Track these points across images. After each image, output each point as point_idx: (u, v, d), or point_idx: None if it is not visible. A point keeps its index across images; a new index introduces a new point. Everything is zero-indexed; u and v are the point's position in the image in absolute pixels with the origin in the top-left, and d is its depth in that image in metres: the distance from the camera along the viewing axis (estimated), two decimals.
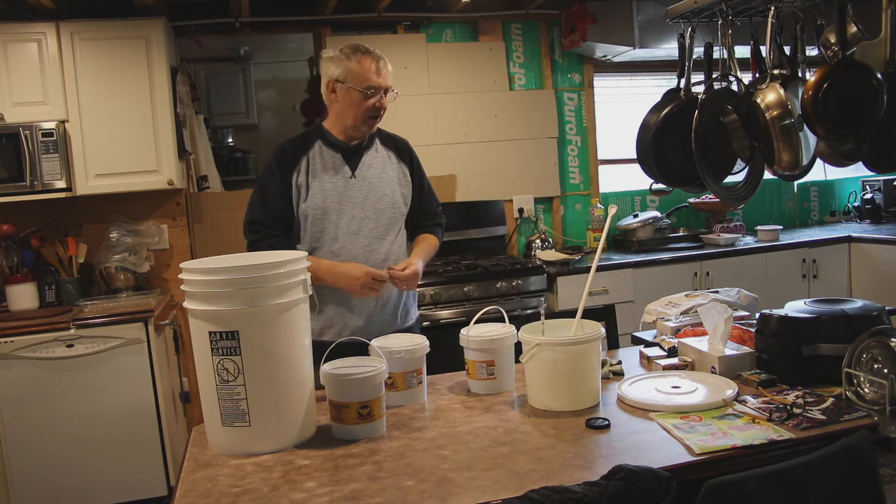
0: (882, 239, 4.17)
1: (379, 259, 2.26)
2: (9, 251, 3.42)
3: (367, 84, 2.18)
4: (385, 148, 2.36)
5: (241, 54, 5.43)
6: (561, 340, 1.75)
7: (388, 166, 2.34)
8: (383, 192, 2.29)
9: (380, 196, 2.28)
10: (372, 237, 2.26)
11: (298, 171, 2.24)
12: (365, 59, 2.19)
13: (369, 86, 2.18)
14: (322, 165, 2.25)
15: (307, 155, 2.25)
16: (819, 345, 1.78)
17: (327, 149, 2.27)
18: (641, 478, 1.25)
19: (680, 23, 2.45)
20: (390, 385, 1.84)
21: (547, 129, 4.45)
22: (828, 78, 2.13)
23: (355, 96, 2.19)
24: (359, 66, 2.18)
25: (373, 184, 2.28)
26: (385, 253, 2.28)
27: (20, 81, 3.34)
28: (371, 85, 2.18)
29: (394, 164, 2.35)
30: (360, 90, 2.18)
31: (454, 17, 4.26)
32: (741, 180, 2.44)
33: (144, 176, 3.51)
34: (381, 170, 2.31)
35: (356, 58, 2.19)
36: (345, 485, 1.42)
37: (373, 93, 2.19)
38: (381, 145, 2.36)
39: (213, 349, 1.58)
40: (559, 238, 4.50)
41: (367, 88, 2.18)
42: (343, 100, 2.22)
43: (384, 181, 2.31)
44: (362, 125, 2.24)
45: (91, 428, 3.16)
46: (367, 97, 2.19)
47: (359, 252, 2.23)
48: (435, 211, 2.49)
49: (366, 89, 2.18)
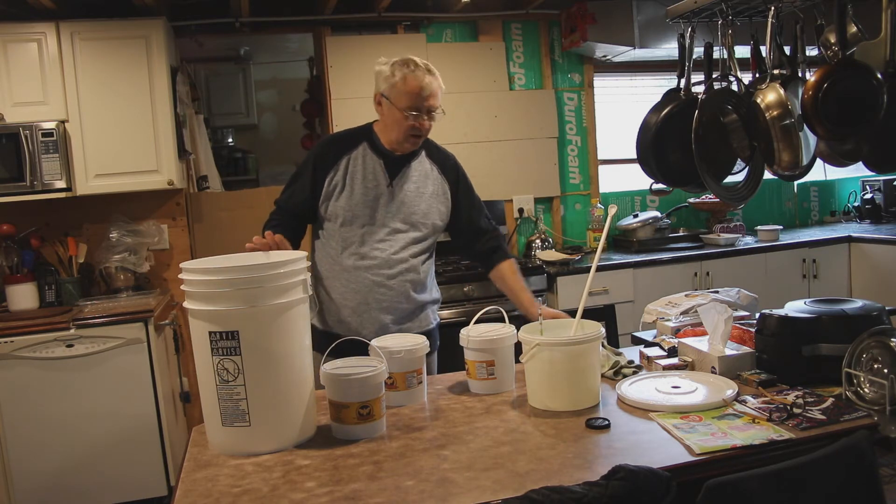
0: (882, 239, 4.17)
1: (401, 269, 2.23)
2: (9, 251, 3.42)
3: (409, 105, 2.13)
4: (430, 161, 2.32)
5: (241, 54, 5.44)
6: (561, 340, 1.75)
7: (430, 181, 2.30)
8: (418, 205, 2.26)
9: (413, 209, 2.25)
10: (398, 247, 2.23)
11: (337, 169, 2.22)
12: (411, 78, 2.12)
13: (411, 106, 2.14)
14: (362, 169, 2.22)
15: (350, 155, 2.23)
16: (819, 345, 1.78)
17: (371, 153, 2.24)
18: (641, 478, 1.25)
19: (680, 23, 2.45)
20: (390, 385, 1.84)
21: (547, 129, 4.45)
22: (828, 78, 2.13)
23: (397, 115, 2.16)
24: (403, 86, 2.13)
25: (408, 195, 2.25)
26: (407, 264, 2.24)
27: (20, 81, 3.34)
28: (413, 106, 2.14)
29: (435, 179, 2.31)
30: (401, 109, 2.14)
31: (454, 17, 4.26)
32: (741, 180, 2.44)
33: (144, 176, 3.51)
34: (420, 183, 2.28)
35: (402, 75, 2.13)
36: (345, 485, 1.42)
37: (415, 116, 2.15)
38: (426, 157, 2.32)
39: (213, 349, 1.58)
40: (559, 238, 4.50)
41: (408, 109, 2.14)
42: (387, 115, 2.19)
43: (421, 195, 2.27)
44: (404, 142, 2.21)
45: (91, 428, 3.16)
46: (408, 118, 2.15)
47: (381, 259, 2.21)
48: (490, 228, 2.41)
49: (407, 109, 2.14)
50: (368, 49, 4.08)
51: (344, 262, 2.22)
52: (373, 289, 2.21)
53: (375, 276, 2.21)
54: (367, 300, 2.21)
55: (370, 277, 2.21)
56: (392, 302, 2.22)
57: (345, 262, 2.22)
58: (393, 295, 2.22)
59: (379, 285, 2.21)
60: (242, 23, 3.97)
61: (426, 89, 2.14)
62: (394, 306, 2.23)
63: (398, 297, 2.23)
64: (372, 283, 2.21)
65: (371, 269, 2.21)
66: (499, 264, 2.36)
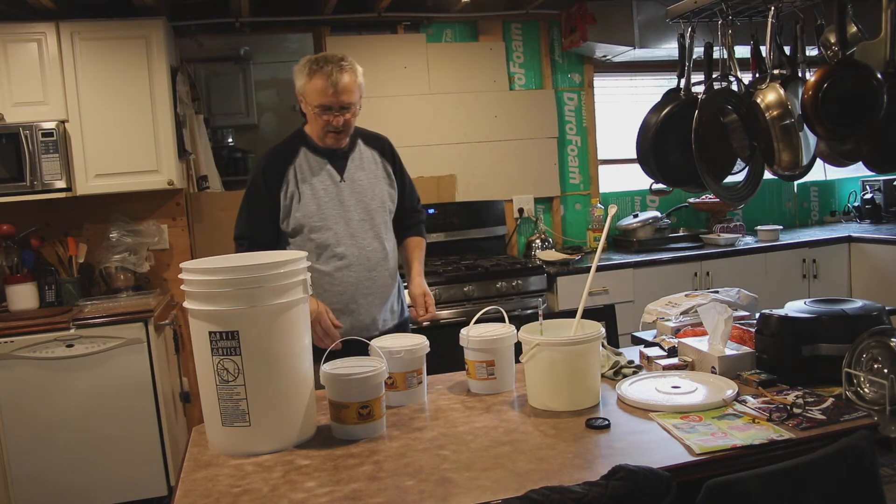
0: (882, 239, 4.17)
1: (378, 259, 2.28)
2: (9, 251, 3.42)
3: (319, 103, 2.16)
4: (368, 148, 2.36)
5: (241, 54, 5.43)
6: (561, 340, 1.75)
7: (374, 166, 2.34)
8: (373, 192, 2.30)
9: (371, 197, 2.29)
10: (370, 238, 2.28)
11: (287, 182, 2.23)
12: (318, 76, 2.14)
13: (321, 104, 2.16)
14: (311, 171, 2.25)
15: (293, 164, 2.25)
16: (819, 345, 1.78)
17: (313, 155, 2.27)
18: (641, 478, 1.25)
19: (680, 23, 2.45)
20: (390, 385, 1.84)
21: (547, 129, 4.45)
22: (828, 78, 2.13)
23: (310, 112, 2.20)
24: (311, 85, 2.16)
25: (363, 186, 2.29)
26: (384, 252, 2.30)
27: (20, 81, 3.34)
28: (323, 104, 2.16)
29: (378, 164, 2.36)
30: (313, 107, 2.18)
31: (454, 17, 4.26)
32: (741, 180, 2.44)
33: (144, 176, 3.51)
34: (367, 171, 2.32)
35: (310, 73, 2.16)
36: (345, 485, 1.42)
37: (326, 111, 2.17)
38: (364, 146, 2.35)
39: (213, 349, 1.58)
40: (559, 238, 4.50)
41: (318, 107, 2.17)
42: (307, 112, 2.23)
43: (372, 182, 2.31)
44: (325, 137, 2.23)
45: (91, 428, 3.16)
46: (321, 115, 2.17)
47: (362, 254, 2.25)
48: (416, 207, 2.50)
49: (318, 107, 2.17)
50: (368, 49, 4.08)
51: (322, 267, 2.24)
52: (358, 285, 2.25)
53: (356, 272, 2.25)
54: (355, 297, 2.26)
55: (352, 275, 2.25)
56: (377, 292, 2.29)
57: (324, 268, 2.24)
58: (377, 286, 2.29)
59: (364, 280, 2.26)
60: (242, 23, 3.97)
61: (333, 87, 2.14)
62: (379, 294, 2.30)
63: (382, 287, 2.30)
64: (356, 279, 2.25)
65: (352, 266, 2.25)
66: (411, 237, 2.45)
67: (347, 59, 2.18)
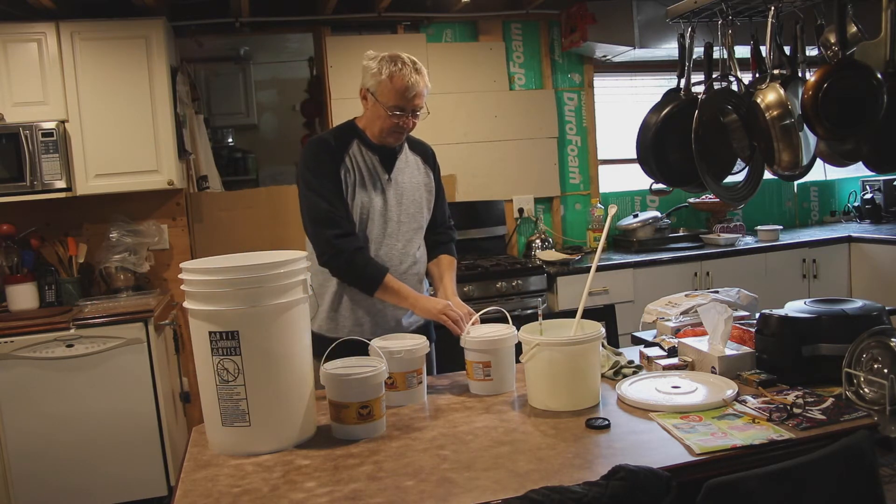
0: (882, 239, 4.17)
1: (409, 264, 2.24)
2: (9, 251, 3.42)
3: (394, 104, 2.11)
4: (413, 152, 2.32)
5: (241, 54, 5.44)
6: (561, 340, 1.75)
7: (416, 171, 2.30)
8: (413, 197, 2.26)
9: (410, 201, 2.26)
10: (405, 241, 2.24)
11: (345, 166, 2.17)
12: (398, 77, 2.09)
13: (395, 106, 2.11)
14: (364, 165, 2.20)
15: (348, 153, 2.19)
16: (819, 345, 1.78)
17: (365, 149, 2.22)
18: (641, 478, 1.25)
19: (680, 23, 2.45)
20: (390, 385, 1.84)
21: (547, 129, 4.45)
22: (828, 78, 2.13)
23: (381, 111, 2.13)
24: (389, 84, 2.10)
25: (405, 189, 2.25)
26: (413, 258, 2.25)
27: (20, 81, 3.34)
28: (398, 105, 2.11)
29: (420, 170, 2.31)
30: (385, 107, 2.12)
31: (454, 17, 4.26)
32: (741, 180, 2.44)
33: (144, 176, 3.51)
34: (411, 175, 2.28)
35: (389, 72, 2.09)
36: (345, 485, 1.42)
37: (399, 114, 2.12)
38: (409, 150, 2.31)
39: (213, 349, 1.58)
40: (559, 238, 4.50)
41: (393, 108, 2.11)
42: (371, 110, 2.17)
43: (414, 187, 2.27)
44: (387, 137, 2.18)
45: (91, 428, 3.16)
46: (392, 116, 2.12)
47: (394, 256, 2.20)
48: (448, 224, 2.44)
49: (392, 108, 2.11)
50: (368, 49, 4.07)
51: None
52: None
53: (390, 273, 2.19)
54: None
55: None
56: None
57: None
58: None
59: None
60: (242, 23, 3.97)
61: (412, 89, 2.10)
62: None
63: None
64: None
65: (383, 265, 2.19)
66: (444, 255, 2.37)
67: (419, 62, 2.15)
